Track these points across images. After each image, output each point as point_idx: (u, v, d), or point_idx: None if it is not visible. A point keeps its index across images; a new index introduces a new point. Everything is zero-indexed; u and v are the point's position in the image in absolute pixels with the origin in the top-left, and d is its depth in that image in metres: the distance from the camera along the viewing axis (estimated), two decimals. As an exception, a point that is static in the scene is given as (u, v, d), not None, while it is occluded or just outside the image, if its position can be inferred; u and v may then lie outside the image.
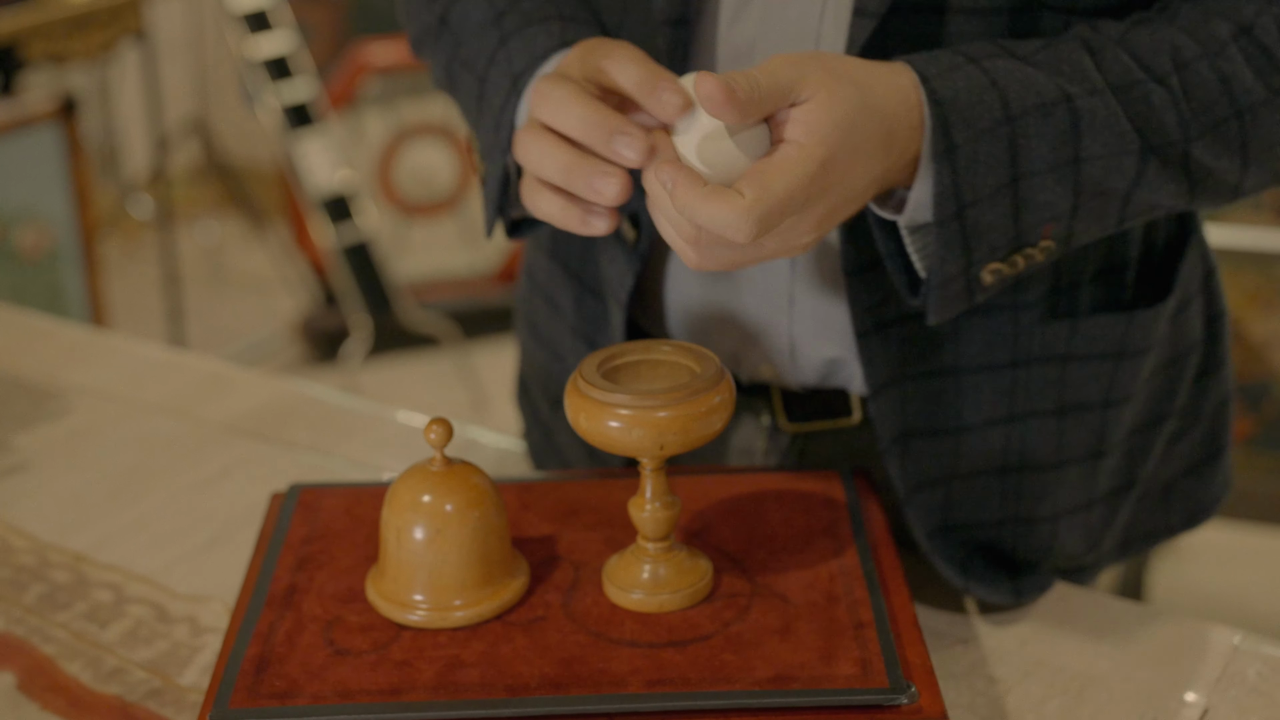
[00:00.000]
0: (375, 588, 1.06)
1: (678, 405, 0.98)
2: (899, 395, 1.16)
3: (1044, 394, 1.19)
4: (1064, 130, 1.02)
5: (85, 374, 1.67)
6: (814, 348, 1.21)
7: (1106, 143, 1.03)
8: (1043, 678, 1.13)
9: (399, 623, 1.03)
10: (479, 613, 1.03)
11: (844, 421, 1.25)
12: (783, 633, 1.01)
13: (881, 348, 1.15)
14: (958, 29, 1.08)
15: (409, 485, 1.04)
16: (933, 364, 1.17)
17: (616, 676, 0.98)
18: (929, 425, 1.18)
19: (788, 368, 1.23)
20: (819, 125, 0.95)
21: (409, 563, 1.03)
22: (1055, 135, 1.02)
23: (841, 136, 0.96)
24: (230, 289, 5.15)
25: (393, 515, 1.04)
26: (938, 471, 1.19)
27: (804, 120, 0.96)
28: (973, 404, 1.18)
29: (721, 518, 1.15)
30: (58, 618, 1.23)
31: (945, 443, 1.18)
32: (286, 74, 4.17)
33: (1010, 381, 1.18)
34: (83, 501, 1.41)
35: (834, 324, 1.19)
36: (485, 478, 1.05)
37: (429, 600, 1.03)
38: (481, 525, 1.04)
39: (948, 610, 1.21)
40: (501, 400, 4.16)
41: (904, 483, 1.18)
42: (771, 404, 1.26)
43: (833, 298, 1.18)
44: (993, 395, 1.18)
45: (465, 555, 1.03)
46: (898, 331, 1.15)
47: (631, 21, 1.18)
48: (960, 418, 1.18)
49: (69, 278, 3.63)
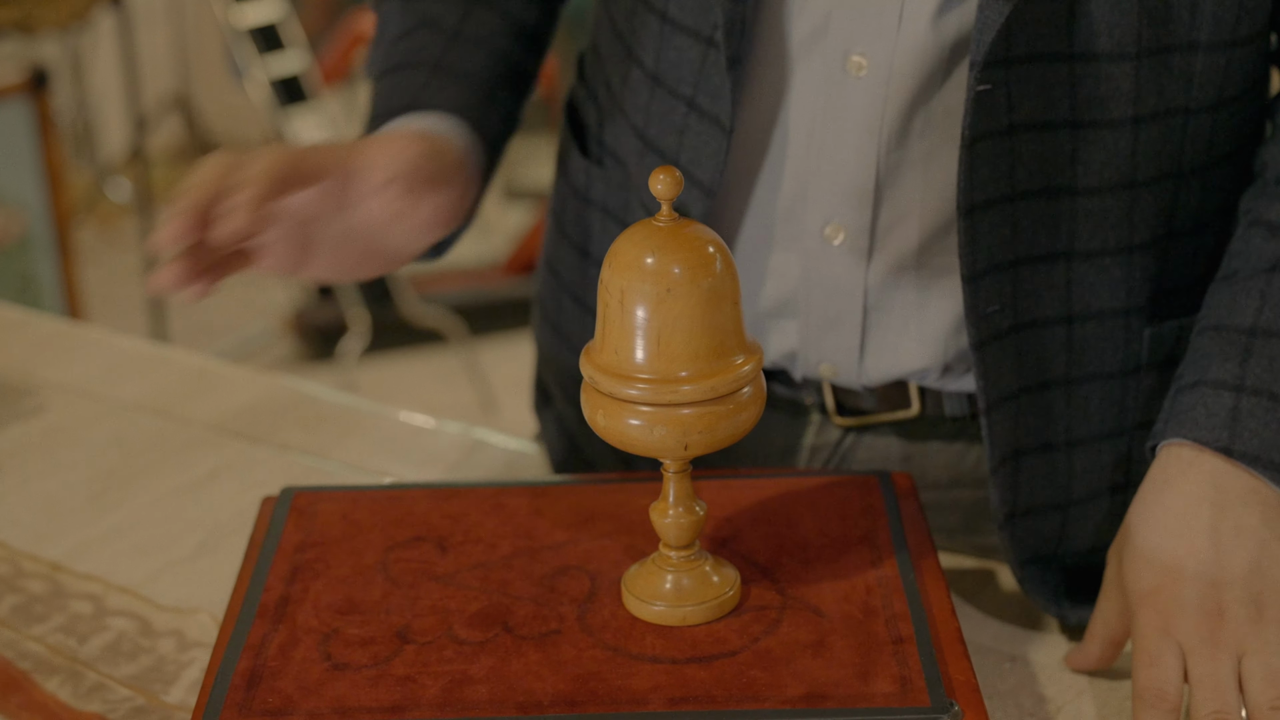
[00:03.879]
0: (593, 360, 1.02)
1: (703, 402, 0.99)
2: (1014, 408, 1.19)
3: (1153, 402, 1.22)
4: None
5: (60, 370, 1.69)
6: (888, 353, 1.23)
7: None
8: (1097, 696, 1.14)
9: (619, 398, 1.00)
10: (712, 386, 0.99)
11: (900, 414, 1.27)
12: (816, 648, 1.02)
13: (998, 358, 1.17)
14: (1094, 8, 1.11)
15: (634, 242, 1.00)
16: (1046, 374, 1.20)
17: (636, 694, 0.99)
18: (1041, 441, 1.20)
19: (852, 370, 1.25)
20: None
21: (631, 329, 0.99)
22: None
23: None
24: (215, 279, 5.15)
25: (614, 276, 1.00)
26: (1050, 495, 1.22)
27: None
28: (1081, 416, 1.21)
29: (750, 524, 1.16)
30: (33, 631, 1.24)
31: (1058, 460, 1.21)
32: (276, 45, 4.18)
33: (1120, 390, 1.21)
34: (59, 506, 1.43)
35: (918, 330, 1.22)
36: (717, 238, 1.01)
37: (653, 370, 0.99)
38: (714, 290, 1.00)
39: (994, 624, 1.22)
40: (511, 400, 4.16)
41: (1011, 505, 1.20)
42: (823, 398, 1.28)
43: (923, 302, 1.21)
44: (1102, 405, 1.21)
45: (695, 323, 0.99)
46: (1013, 341, 1.18)
47: (690, 8, 1.20)
48: (1071, 432, 1.21)
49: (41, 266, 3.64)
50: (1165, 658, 1.06)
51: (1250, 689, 1.04)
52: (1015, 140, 1.13)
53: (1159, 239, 1.19)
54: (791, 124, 1.19)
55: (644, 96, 1.26)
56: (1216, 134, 1.19)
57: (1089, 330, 1.19)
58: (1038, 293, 1.17)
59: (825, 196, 1.19)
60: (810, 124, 1.18)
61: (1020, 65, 1.10)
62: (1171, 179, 1.18)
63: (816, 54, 1.16)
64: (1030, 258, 1.16)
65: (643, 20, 1.24)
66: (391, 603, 1.09)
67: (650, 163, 1.26)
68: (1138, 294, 1.20)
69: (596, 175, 1.36)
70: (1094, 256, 1.18)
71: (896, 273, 1.20)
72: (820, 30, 1.16)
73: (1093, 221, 1.17)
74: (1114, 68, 1.12)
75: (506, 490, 1.21)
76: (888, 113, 1.15)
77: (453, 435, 1.55)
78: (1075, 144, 1.14)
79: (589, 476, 1.25)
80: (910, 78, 1.14)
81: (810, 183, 1.19)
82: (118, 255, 5.19)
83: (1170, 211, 1.19)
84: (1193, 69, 1.14)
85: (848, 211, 1.19)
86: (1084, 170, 1.15)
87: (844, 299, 1.22)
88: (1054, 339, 1.19)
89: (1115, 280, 1.19)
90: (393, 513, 1.19)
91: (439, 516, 1.18)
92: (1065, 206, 1.16)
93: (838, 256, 1.20)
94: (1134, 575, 1.10)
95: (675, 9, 1.21)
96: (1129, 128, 1.14)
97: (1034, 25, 1.10)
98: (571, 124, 1.41)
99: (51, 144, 3.64)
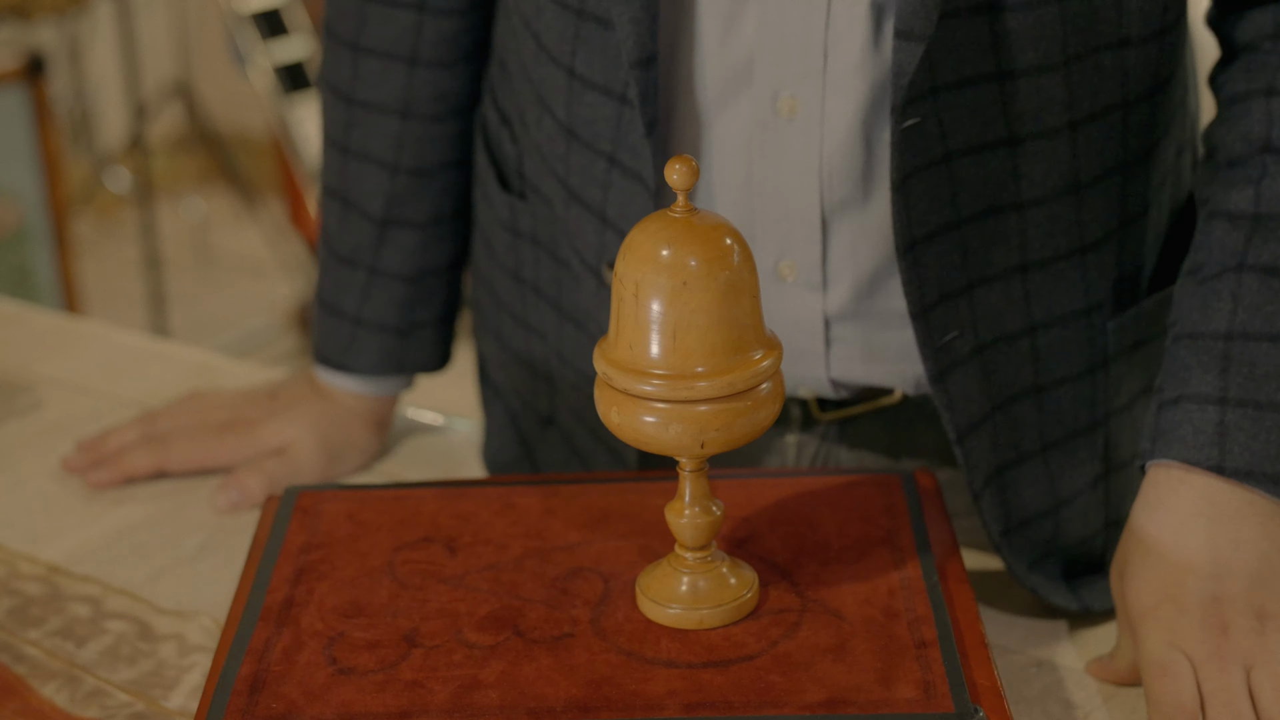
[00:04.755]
0: (606, 356, 1.02)
1: (720, 398, 0.99)
2: (990, 429, 1.20)
3: (1124, 387, 1.24)
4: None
5: (57, 366, 1.69)
6: (858, 378, 1.25)
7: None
8: (1125, 703, 1.14)
9: (634, 394, 1.00)
10: (729, 382, 0.99)
11: (884, 401, 1.28)
12: (836, 652, 1.02)
13: (963, 384, 1.18)
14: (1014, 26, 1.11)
15: (648, 234, 0.99)
16: (1014, 388, 1.21)
17: (651, 700, 0.99)
18: (1019, 453, 1.22)
19: (826, 391, 1.27)
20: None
21: (646, 323, 0.99)
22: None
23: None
24: (218, 272, 5.17)
25: (628, 268, 1.00)
26: (1038, 503, 1.23)
27: None
28: (1054, 421, 1.22)
29: (768, 525, 1.16)
30: (29, 634, 1.24)
31: (1038, 468, 1.22)
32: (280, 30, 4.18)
33: (1090, 387, 1.23)
34: (56, 506, 1.43)
35: (883, 357, 1.23)
36: (735, 229, 1.01)
37: (669, 366, 0.99)
38: (732, 284, 0.99)
39: (1020, 627, 1.22)
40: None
41: (1004, 522, 1.21)
42: (805, 401, 1.30)
43: (884, 330, 1.22)
44: (1074, 405, 1.23)
45: (711, 317, 0.99)
46: (977, 364, 1.18)
47: (598, 66, 1.20)
48: (1045, 437, 1.23)
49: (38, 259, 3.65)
50: (1177, 668, 1.06)
51: (1262, 701, 1.04)
52: (953, 167, 1.13)
53: (1111, 233, 1.21)
54: (727, 171, 1.19)
55: (561, 148, 1.26)
56: (1157, 115, 1.20)
57: (1053, 336, 1.21)
58: (996, 311, 1.18)
59: (774, 235, 1.20)
60: (748, 168, 1.18)
61: (948, 92, 1.11)
62: (1117, 172, 1.19)
63: (744, 100, 1.17)
64: (984, 278, 1.17)
65: (550, 72, 1.24)
66: (399, 605, 1.09)
67: (576, 212, 1.27)
68: (1096, 290, 1.21)
69: (522, 209, 1.36)
70: (1048, 264, 1.19)
71: (855, 303, 1.21)
72: (743, 77, 1.16)
73: (1043, 231, 1.18)
74: (1044, 79, 1.13)
75: (517, 489, 1.21)
76: (825, 151, 1.15)
77: (462, 433, 1.55)
78: (1016, 160, 1.15)
79: (603, 475, 1.25)
80: (845, 114, 1.14)
81: (756, 223, 1.20)
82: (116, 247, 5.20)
83: (1120, 202, 1.20)
84: (1126, 64, 1.15)
85: (797, 248, 1.19)
86: (1028, 184, 1.16)
87: (805, 334, 1.23)
88: (1018, 352, 1.20)
89: (1072, 283, 1.20)
90: (400, 513, 1.19)
91: (448, 516, 1.18)
92: (1013, 222, 1.17)
93: (793, 292, 1.21)
94: (1135, 595, 1.11)
95: (583, 66, 1.21)
96: (1067, 134, 1.15)
97: (956, 51, 1.10)
98: (488, 149, 1.41)
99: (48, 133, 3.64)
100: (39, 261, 3.62)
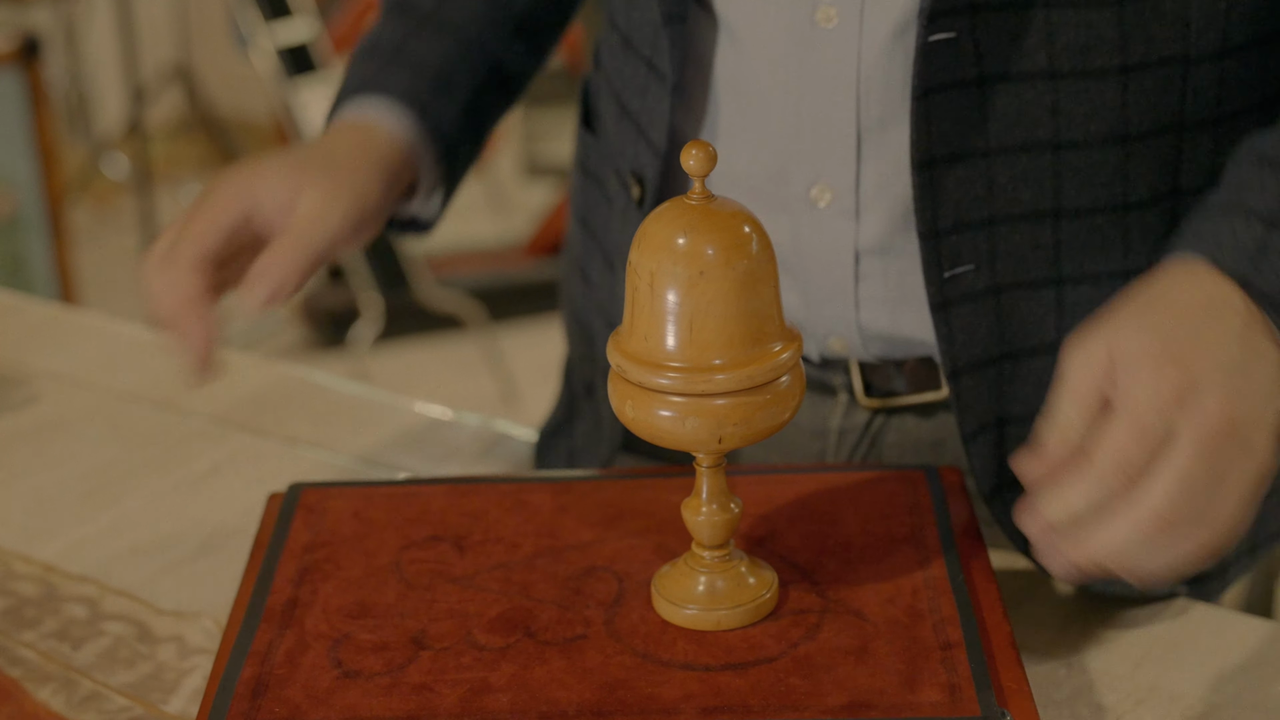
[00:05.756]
0: (621, 348, 1.02)
1: (738, 391, 0.99)
2: (994, 375, 1.19)
3: None
4: None
5: (53, 358, 1.69)
6: (884, 322, 1.23)
7: None
8: (1157, 705, 1.14)
9: (649, 388, 1.00)
10: (748, 375, 0.99)
11: (930, 396, 1.27)
12: (858, 654, 1.03)
13: (970, 320, 1.17)
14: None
15: (664, 222, 0.99)
16: (1033, 340, 1.19)
17: (667, 703, 0.99)
18: (1031, 409, 1.20)
19: (855, 341, 1.25)
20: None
21: (662, 314, 0.99)
22: None
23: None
24: (218, 262, 5.17)
25: (643, 258, 1.00)
26: None
27: None
28: None
29: (788, 523, 1.16)
30: (24, 636, 1.24)
31: None
32: (283, 10, 4.19)
33: None
34: (52, 504, 1.43)
35: (911, 301, 1.22)
36: (753, 217, 1.01)
37: (685, 358, 0.99)
38: (750, 273, 0.99)
39: (1049, 627, 1.22)
40: (533, 390, 4.17)
41: (994, 478, 1.20)
42: (850, 378, 1.29)
43: (914, 276, 1.21)
44: None
45: (729, 308, 0.98)
46: (991, 304, 1.17)
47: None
48: None
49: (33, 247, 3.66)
50: (1098, 355, 0.98)
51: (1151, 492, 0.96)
52: (986, 92, 1.13)
53: (1160, 196, 1.19)
54: (766, 82, 1.20)
55: (619, 61, 1.31)
56: (1225, 85, 1.18)
57: (1081, 294, 1.19)
58: (1020, 254, 1.17)
59: (809, 156, 1.20)
60: (785, 82, 1.19)
61: (988, 11, 1.11)
62: (1172, 133, 1.17)
63: (785, 7, 1.17)
64: (1010, 216, 1.16)
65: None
66: (406, 606, 1.09)
67: (626, 126, 1.30)
68: (1137, 255, 1.19)
69: (590, 144, 1.41)
70: (1084, 215, 1.18)
71: (887, 236, 1.20)
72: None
73: (1081, 178, 1.17)
74: (1094, 13, 1.12)
75: (528, 486, 1.21)
76: (863, 65, 1.16)
77: (472, 427, 1.55)
78: (1056, 96, 1.14)
79: (617, 471, 1.25)
80: (883, 26, 1.14)
81: (792, 141, 1.20)
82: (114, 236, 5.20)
83: (1174, 167, 1.19)
84: (1188, 13, 1.14)
85: (832, 170, 1.19)
86: (1066, 123, 1.15)
87: (836, 267, 1.22)
88: (1040, 303, 1.19)
89: (1110, 240, 1.19)
90: (407, 510, 1.19)
91: (457, 514, 1.18)
92: (1048, 162, 1.16)
93: (826, 220, 1.21)
94: (1120, 345, 1.01)
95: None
96: (1116, 77, 1.14)
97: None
98: (583, 103, 1.46)
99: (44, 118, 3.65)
100: (34, 251, 3.63)
